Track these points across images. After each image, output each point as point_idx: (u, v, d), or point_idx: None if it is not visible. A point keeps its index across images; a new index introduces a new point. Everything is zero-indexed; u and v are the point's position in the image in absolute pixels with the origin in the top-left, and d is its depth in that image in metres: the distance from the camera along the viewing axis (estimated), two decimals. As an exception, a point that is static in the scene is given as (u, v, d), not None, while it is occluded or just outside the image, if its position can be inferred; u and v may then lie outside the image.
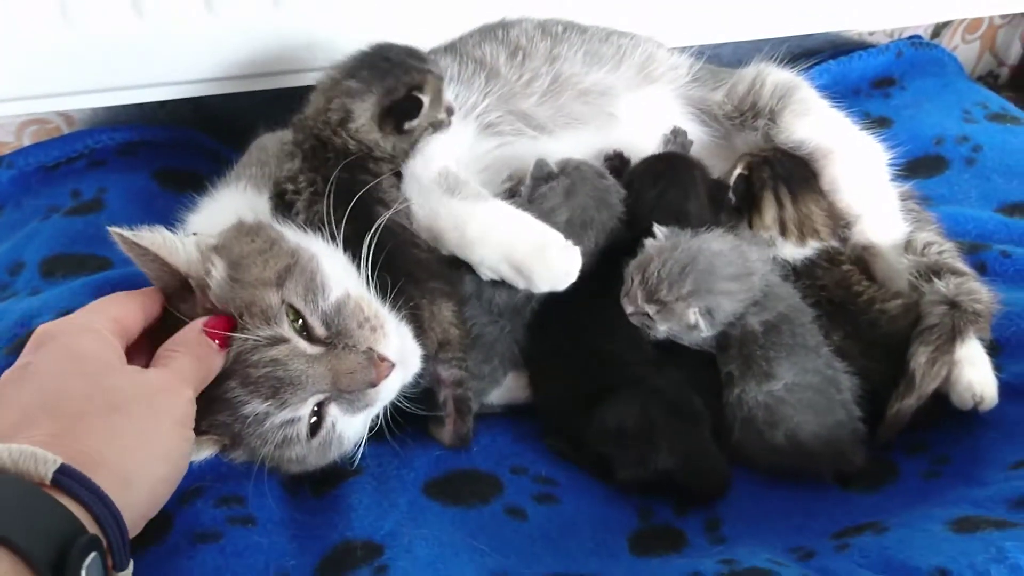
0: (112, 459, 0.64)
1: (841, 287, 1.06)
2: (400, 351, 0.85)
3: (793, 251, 1.08)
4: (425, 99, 0.99)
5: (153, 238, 0.81)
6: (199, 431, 0.80)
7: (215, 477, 0.83)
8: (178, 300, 0.83)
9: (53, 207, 1.24)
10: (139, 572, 0.71)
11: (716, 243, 0.99)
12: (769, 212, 1.08)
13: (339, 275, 0.86)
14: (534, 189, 1.04)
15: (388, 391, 0.86)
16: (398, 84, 0.98)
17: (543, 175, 1.04)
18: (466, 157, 1.07)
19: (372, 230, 0.89)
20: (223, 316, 0.79)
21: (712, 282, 0.97)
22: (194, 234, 0.87)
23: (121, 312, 0.78)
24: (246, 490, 0.82)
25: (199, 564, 0.74)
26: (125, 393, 0.69)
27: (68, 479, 0.59)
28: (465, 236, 0.95)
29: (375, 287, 0.88)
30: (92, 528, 0.59)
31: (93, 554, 0.57)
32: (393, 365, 0.83)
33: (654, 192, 1.06)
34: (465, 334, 0.94)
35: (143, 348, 0.80)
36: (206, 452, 0.82)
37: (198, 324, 0.78)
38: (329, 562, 0.78)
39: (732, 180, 1.09)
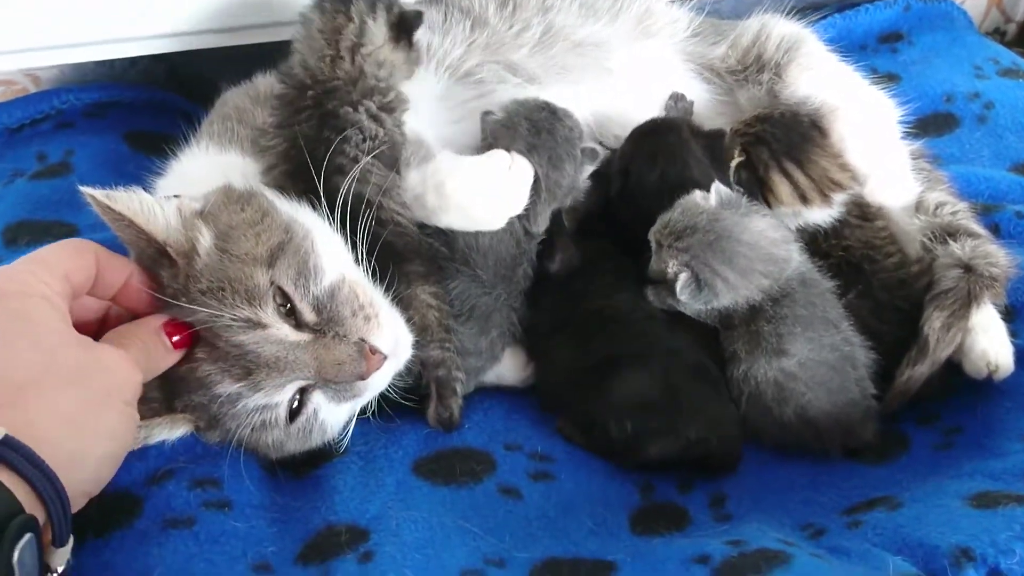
0: (59, 434, 0.60)
1: (868, 247, 1.00)
2: (393, 342, 0.80)
3: (822, 214, 1.02)
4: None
5: (129, 201, 0.75)
6: (174, 410, 0.76)
7: (189, 458, 0.78)
8: (156, 268, 0.77)
9: (17, 171, 1.18)
10: (105, 558, 0.69)
11: (753, 234, 0.93)
12: (783, 191, 1.01)
13: (334, 256, 0.80)
14: (482, 132, 1.00)
15: (378, 383, 0.81)
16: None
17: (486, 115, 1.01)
18: (433, 110, 1.03)
19: (339, 203, 0.83)
20: (183, 325, 0.75)
21: (713, 260, 0.91)
22: (175, 196, 0.80)
23: (72, 267, 0.71)
24: (222, 471, 0.77)
25: (170, 552, 0.70)
26: (79, 367, 0.65)
27: (12, 452, 0.56)
28: (428, 205, 0.91)
29: (367, 267, 0.83)
30: (32, 504, 0.57)
31: (28, 535, 0.55)
32: (385, 357, 0.78)
33: (655, 175, 1.01)
34: (445, 315, 0.90)
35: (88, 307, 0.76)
36: (180, 430, 0.77)
37: (156, 322, 0.74)
38: (311, 548, 0.73)
39: (731, 170, 1.03)
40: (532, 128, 0.97)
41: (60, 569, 0.62)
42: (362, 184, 0.87)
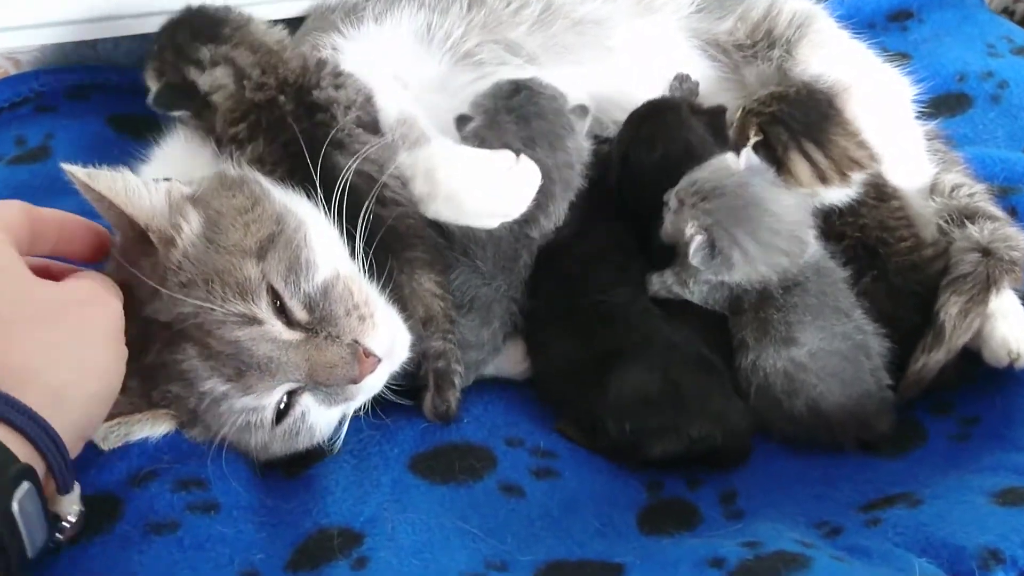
0: (42, 375, 0.58)
1: (883, 228, 0.97)
2: (389, 344, 0.77)
3: (840, 193, 0.98)
4: None
5: (112, 182, 0.72)
6: (151, 401, 0.73)
7: (174, 457, 0.74)
8: (138, 254, 0.73)
9: (-5, 155, 1.14)
10: (82, 565, 0.66)
11: (781, 207, 0.89)
12: (803, 173, 0.98)
13: (328, 250, 0.77)
14: (464, 143, 0.94)
15: (371, 386, 0.78)
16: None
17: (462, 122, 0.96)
18: (433, 92, 1.01)
19: (339, 184, 0.80)
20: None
21: (736, 227, 0.87)
22: (166, 179, 0.77)
23: (10, 221, 0.68)
24: (208, 471, 0.73)
25: (152, 559, 0.66)
26: (52, 303, 0.63)
27: (4, 405, 0.55)
28: (416, 192, 0.88)
29: (364, 261, 0.79)
30: (27, 453, 0.55)
31: (26, 484, 0.54)
32: (379, 360, 0.75)
33: (656, 157, 0.97)
34: (449, 305, 0.86)
35: None
36: (162, 428, 0.74)
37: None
38: (302, 554, 0.70)
39: (748, 149, 0.99)
40: (519, 119, 0.92)
41: (72, 518, 0.62)
42: (362, 161, 0.85)
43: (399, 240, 0.84)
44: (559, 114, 0.94)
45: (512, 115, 0.92)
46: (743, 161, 0.91)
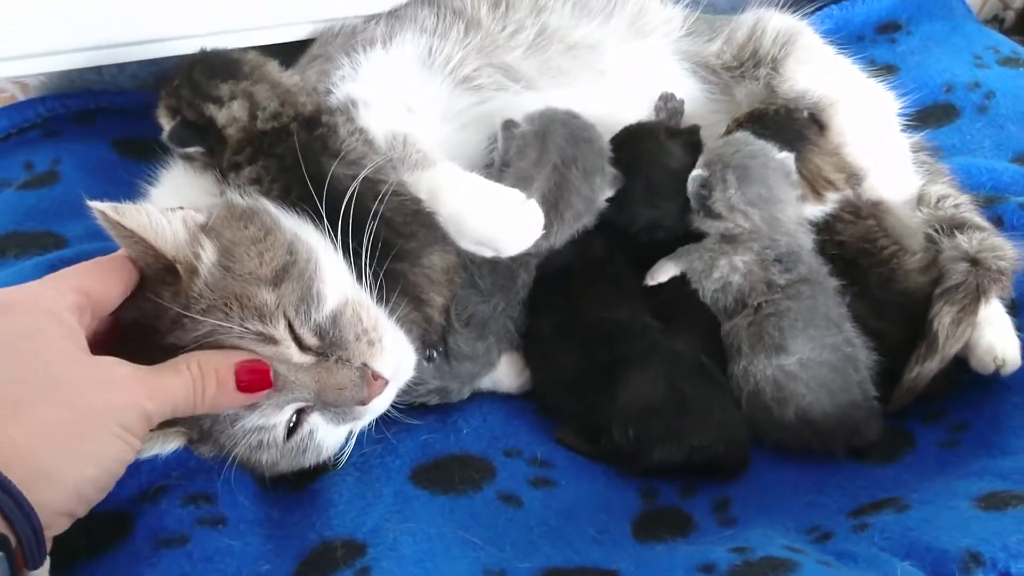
0: (35, 451, 0.58)
1: (864, 242, 0.99)
2: (396, 366, 0.78)
3: (813, 210, 1.01)
4: None
5: (138, 218, 0.73)
6: (164, 422, 0.73)
7: (182, 473, 0.76)
8: (159, 284, 0.74)
9: (5, 181, 1.15)
10: (96, 580, 0.67)
11: (780, 188, 0.97)
12: None
13: (337, 278, 0.78)
14: (506, 144, 0.96)
15: (378, 407, 0.79)
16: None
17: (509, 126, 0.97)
18: (436, 117, 1.02)
19: (348, 195, 0.81)
20: (263, 365, 0.71)
21: (731, 169, 0.94)
22: (180, 208, 0.78)
23: (90, 283, 0.69)
24: (216, 486, 0.75)
25: (163, 571, 0.68)
26: (71, 382, 0.62)
27: None
28: None
29: (369, 282, 0.80)
30: (4, 524, 0.54)
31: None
32: (387, 382, 0.77)
33: (640, 183, 0.99)
34: (459, 264, 0.90)
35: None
36: (172, 444, 0.75)
37: (235, 359, 0.70)
38: (307, 565, 0.72)
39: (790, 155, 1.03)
40: (570, 135, 0.94)
41: None
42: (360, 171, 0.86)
43: (398, 231, 0.85)
44: (602, 156, 0.97)
45: (566, 129, 0.94)
46: (783, 157, 0.98)
